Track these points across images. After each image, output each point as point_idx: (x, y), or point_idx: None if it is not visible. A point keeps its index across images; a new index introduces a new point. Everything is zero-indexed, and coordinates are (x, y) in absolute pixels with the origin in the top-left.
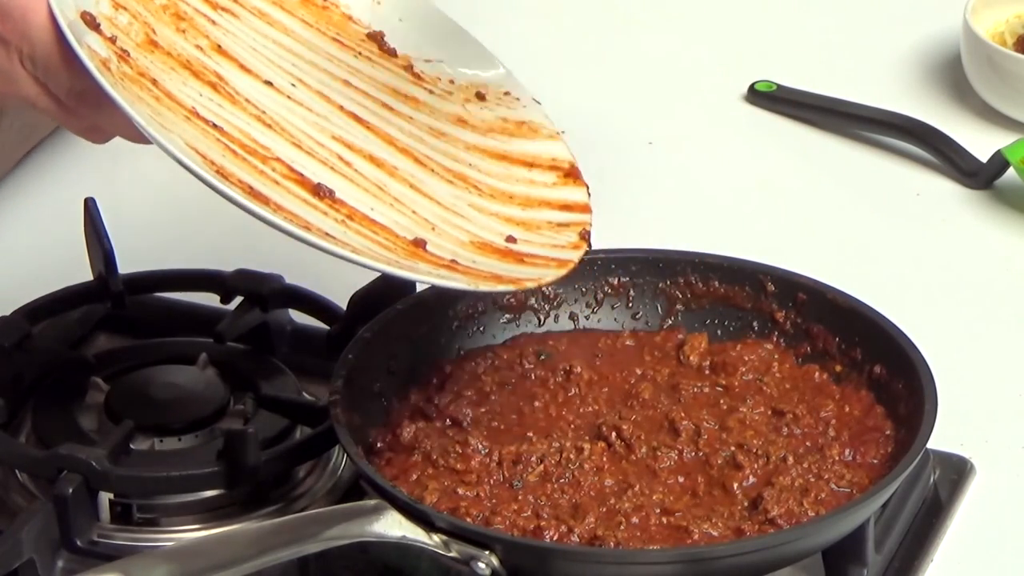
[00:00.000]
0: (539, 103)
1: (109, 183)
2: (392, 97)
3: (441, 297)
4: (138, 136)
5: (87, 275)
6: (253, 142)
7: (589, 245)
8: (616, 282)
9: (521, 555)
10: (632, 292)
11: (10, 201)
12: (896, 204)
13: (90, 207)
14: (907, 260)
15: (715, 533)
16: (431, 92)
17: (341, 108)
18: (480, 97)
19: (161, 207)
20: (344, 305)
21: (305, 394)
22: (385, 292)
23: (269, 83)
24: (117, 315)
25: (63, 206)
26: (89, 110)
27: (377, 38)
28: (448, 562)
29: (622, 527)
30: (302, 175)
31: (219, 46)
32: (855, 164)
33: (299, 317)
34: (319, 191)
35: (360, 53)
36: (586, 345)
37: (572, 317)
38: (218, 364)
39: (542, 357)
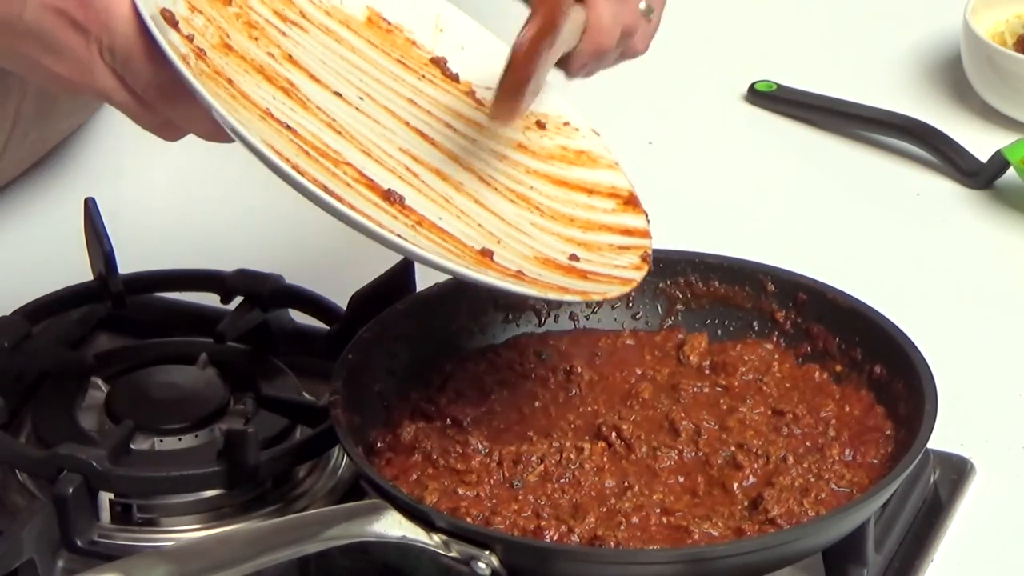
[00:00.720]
0: (598, 134)
1: (109, 183)
2: (455, 119)
3: (441, 297)
4: (213, 132)
5: (87, 275)
6: (325, 146)
7: (650, 267)
8: None
9: (521, 555)
10: (632, 292)
11: (10, 201)
12: (896, 204)
13: (90, 207)
14: (907, 260)
15: (715, 533)
16: (492, 119)
17: (407, 124)
18: (540, 126)
19: (161, 207)
20: (344, 305)
21: (305, 394)
22: (385, 292)
23: (338, 94)
24: (117, 315)
25: (63, 206)
26: (166, 105)
27: (440, 63)
28: (448, 562)
29: (622, 527)
30: (372, 180)
31: (290, 55)
32: (855, 164)
33: (299, 317)
34: (390, 196)
35: (424, 76)
36: (586, 345)
37: (572, 317)
38: (218, 364)
39: (542, 357)
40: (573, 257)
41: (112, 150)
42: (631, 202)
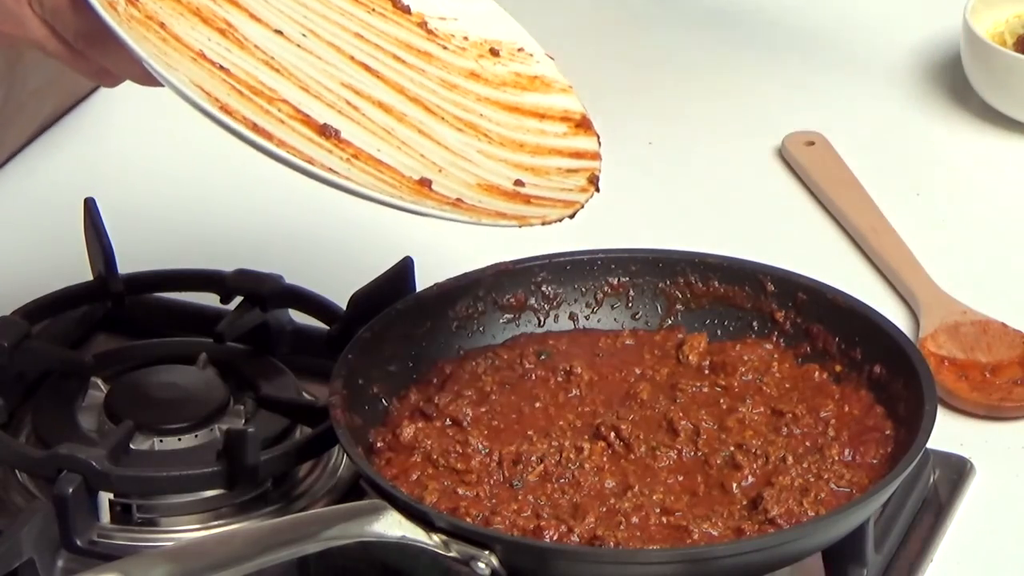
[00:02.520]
0: (552, 59)
1: (109, 183)
2: (404, 51)
3: (441, 297)
4: (146, 78)
5: (87, 275)
6: (260, 84)
7: (597, 188)
8: (616, 282)
9: (521, 555)
10: (632, 292)
11: (10, 201)
12: (896, 204)
13: (90, 207)
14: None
15: (715, 533)
16: (444, 48)
17: (352, 58)
18: (494, 53)
19: (161, 207)
20: (344, 305)
21: (305, 394)
22: (385, 292)
23: (279, 32)
24: (117, 315)
25: (63, 206)
26: (97, 52)
27: None
28: (448, 562)
29: (622, 527)
30: (308, 116)
31: None
32: (855, 163)
33: (299, 317)
34: (325, 131)
35: (374, 9)
36: (586, 345)
37: (572, 317)
38: (218, 364)
39: (542, 357)
40: (518, 183)
41: (112, 150)
42: (583, 124)
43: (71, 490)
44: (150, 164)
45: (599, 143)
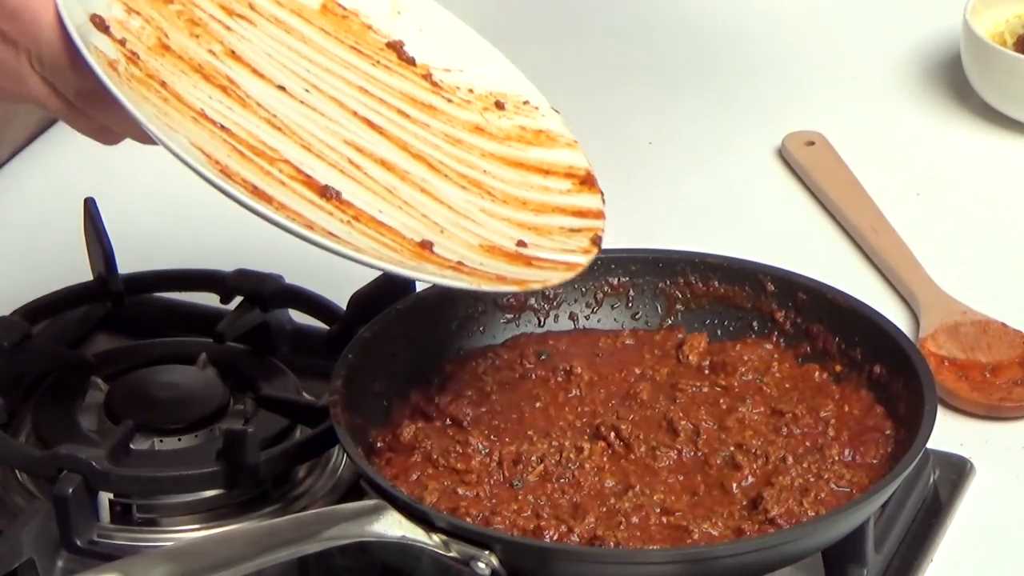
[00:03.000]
0: (557, 112)
1: (109, 183)
2: (409, 105)
3: (441, 297)
4: (147, 137)
5: (87, 275)
6: (261, 144)
7: (599, 249)
8: (616, 282)
9: (521, 555)
10: (632, 292)
11: (10, 200)
12: (896, 203)
13: (90, 207)
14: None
15: (715, 533)
16: (449, 101)
17: (355, 113)
18: (499, 106)
19: (161, 207)
20: (344, 305)
21: (305, 394)
22: (385, 292)
23: (282, 88)
24: (117, 315)
25: (63, 206)
26: (97, 111)
27: (396, 47)
28: (448, 562)
29: (622, 527)
30: (310, 177)
31: (232, 51)
32: (855, 162)
33: (299, 317)
34: (326, 192)
35: (378, 62)
36: (586, 345)
37: (572, 317)
38: (218, 364)
39: (542, 357)
40: (520, 243)
41: (112, 150)
42: (587, 181)
43: (71, 490)
44: (150, 164)
45: (603, 201)
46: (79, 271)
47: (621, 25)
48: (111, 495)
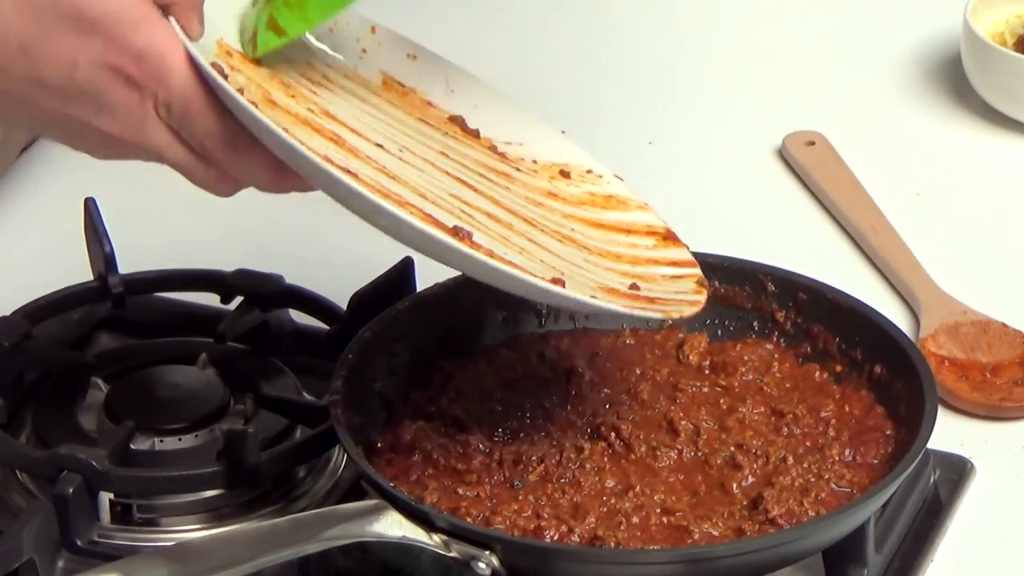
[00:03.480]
0: (621, 180)
1: (109, 183)
2: (486, 171)
3: (441, 297)
4: (273, 181)
5: (87, 275)
6: (385, 188)
7: (707, 291)
8: None
9: (521, 555)
10: None
11: (10, 201)
12: (896, 203)
13: (90, 207)
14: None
15: (715, 533)
16: (519, 170)
17: (447, 173)
18: (564, 175)
19: (161, 207)
20: (344, 305)
21: (305, 394)
22: (385, 292)
23: (380, 145)
24: (117, 315)
25: (63, 206)
26: (227, 154)
27: (459, 121)
28: (448, 562)
29: (622, 527)
30: (438, 220)
31: (327, 111)
32: (855, 162)
33: (299, 317)
34: (459, 233)
35: (447, 133)
36: (586, 345)
37: (572, 317)
38: (218, 364)
39: (543, 357)
40: (634, 287)
41: None
42: (670, 237)
43: (71, 490)
44: (150, 164)
45: (691, 253)
46: (79, 271)
47: (621, 25)
48: (111, 495)
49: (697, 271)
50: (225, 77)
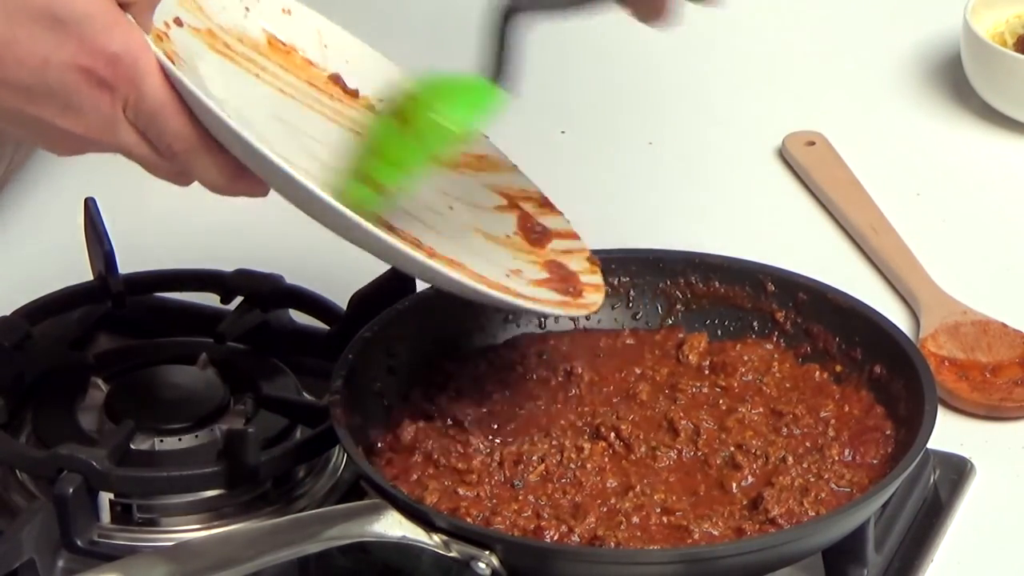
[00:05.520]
0: (487, 136)
1: (109, 183)
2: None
3: (441, 297)
4: (228, 184)
5: (87, 275)
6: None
7: (600, 268)
8: (616, 282)
9: (521, 555)
10: (632, 292)
11: (10, 201)
12: (896, 203)
13: (90, 207)
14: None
15: (715, 533)
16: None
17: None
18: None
19: (161, 207)
20: (344, 305)
21: (305, 394)
22: (385, 292)
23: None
24: (117, 315)
25: (63, 206)
26: (190, 156)
27: (338, 80)
28: (448, 562)
29: (622, 527)
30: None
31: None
32: (856, 162)
33: (299, 317)
34: (419, 245)
35: (332, 95)
36: (586, 345)
37: (572, 317)
38: (218, 364)
39: (543, 357)
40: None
41: None
42: (546, 204)
43: (71, 490)
44: None
45: (568, 221)
46: (79, 271)
47: (621, 25)
48: (111, 495)
49: (582, 244)
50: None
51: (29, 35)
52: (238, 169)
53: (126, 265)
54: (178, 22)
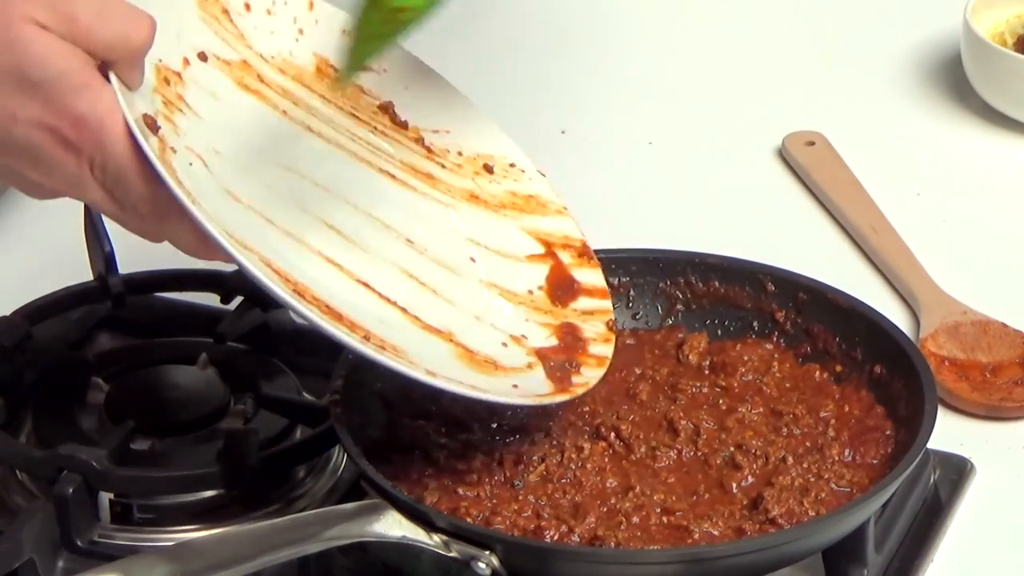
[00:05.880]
0: (544, 175)
1: None
2: (411, 173)
3: None
4: (197, 248)
5: (87, 275)
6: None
7: (616, 335)
8: (616, 282)
9: (521, 555)
10: (632, 292)
11: (10, 201)
12: (896, 203)
13: (90, 207)
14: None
15: (716, 533)
16: (443, 167)
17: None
18: (488, 169)
19: None
20: None
21: (305, 394)
22: None
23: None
24: (117, 315)
25: (63, 206)
26: (155, 220)
27: (388, 109)
28: (448, 562)
29: (622, 527)
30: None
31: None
32: (855, 160)
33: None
34: (368, 338)
35: (376, 128)
36: None
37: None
38: (218, 364)
39: None
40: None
41: None
42: (585, 254)
43: (71, 490)
44: None
45: (603, 276)
46: (79, 271)
47: (620, 25)
48: (111, 495)
49: (607, 305)
50: (156, 128)
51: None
52: (204, 236)
53: (126, 265)
54: (202, 56)
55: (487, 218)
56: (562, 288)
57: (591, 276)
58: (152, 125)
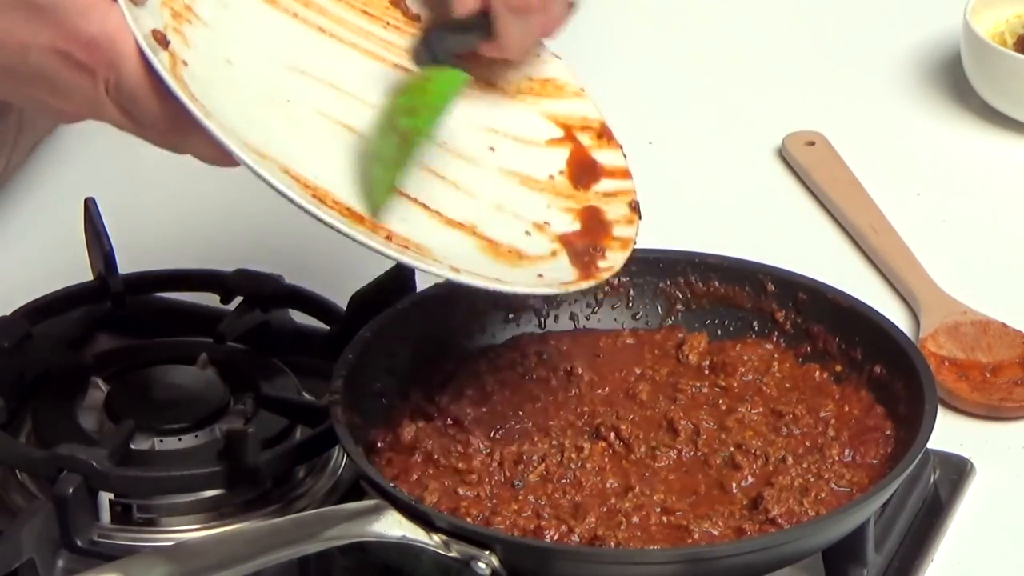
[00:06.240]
0: (559, 57)
1: (109, 183)
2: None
3: (442, 296)
4: (217, 158)
5: (87, 275)
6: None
7: (640, 216)
8: (616, 282)
9: (521, 555)
10: (632, 292)
11: (10, 201)
12: (896, 203)
13: (90, 207)
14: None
15: (716, 533)
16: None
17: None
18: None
19: (161, 207)
20: (344, 305)
21: (305, 394)
22: (385, 292)
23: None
24: (117, 315)
25: (63, 206)
26: (174, 135)
27: (400, 3)
28: (448, 562)
29: (622, 527)
30: (353, 211)
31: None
32: (854, 162)
33: (299, 317)
34: (391, 238)
35: (388, 23)
36: (586, 345)
37: (572, 317)
38: (218, 364)
39: (543, 357)
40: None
41: (112, 150)
42: (604, 134)
43: (71, 490)
44: (150, 164)
45: (624, 155)
46: (79, 271)
47: (620, 24)
48: (111, 495)
49: (629, 185)
50: (166, 43)
51: (9, 20)
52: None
53: (126, 265)
54: None
55: (504, 105)
56: (583, 171)
57: (612, 157)
58: (162, 40)
